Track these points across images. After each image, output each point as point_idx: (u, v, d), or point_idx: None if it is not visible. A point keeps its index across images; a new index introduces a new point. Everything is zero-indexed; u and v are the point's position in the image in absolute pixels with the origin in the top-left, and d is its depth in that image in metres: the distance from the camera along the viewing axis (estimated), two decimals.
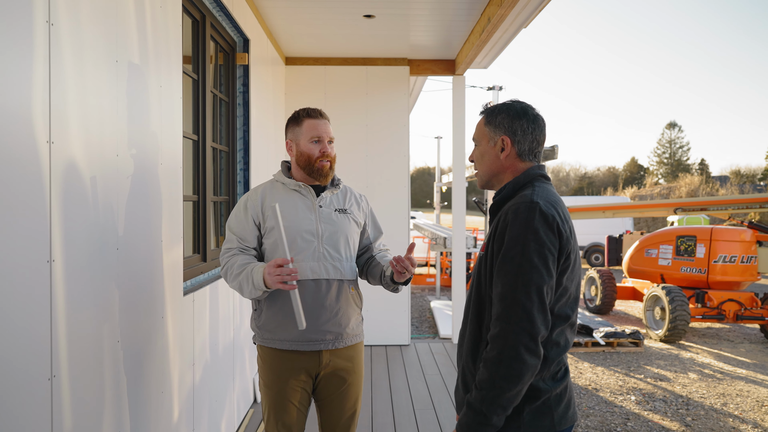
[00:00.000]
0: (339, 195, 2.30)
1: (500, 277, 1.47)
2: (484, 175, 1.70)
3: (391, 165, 5.90)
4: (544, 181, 1.63)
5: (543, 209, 1.47)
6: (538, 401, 1.51)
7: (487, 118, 1.68)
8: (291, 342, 2.15)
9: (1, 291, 1.32)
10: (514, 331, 1.41)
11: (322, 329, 2.14)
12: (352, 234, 2.26)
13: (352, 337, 2.23)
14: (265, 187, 2.26)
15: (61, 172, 1.57)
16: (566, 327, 1.55)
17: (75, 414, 1.64)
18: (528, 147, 1.64)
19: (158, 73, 2.30)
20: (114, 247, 1.90)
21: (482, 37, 4.54)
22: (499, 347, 1.42)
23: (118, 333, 1.92)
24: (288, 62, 5.81)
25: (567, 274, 1.51)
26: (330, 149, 2.24)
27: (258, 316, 2.21)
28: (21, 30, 1.40)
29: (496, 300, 1.47)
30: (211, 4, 3.33)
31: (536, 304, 1.42)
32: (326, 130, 2.26)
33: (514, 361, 1.41)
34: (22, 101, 1.40)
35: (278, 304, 2.15)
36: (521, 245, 1.44)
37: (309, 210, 2.19)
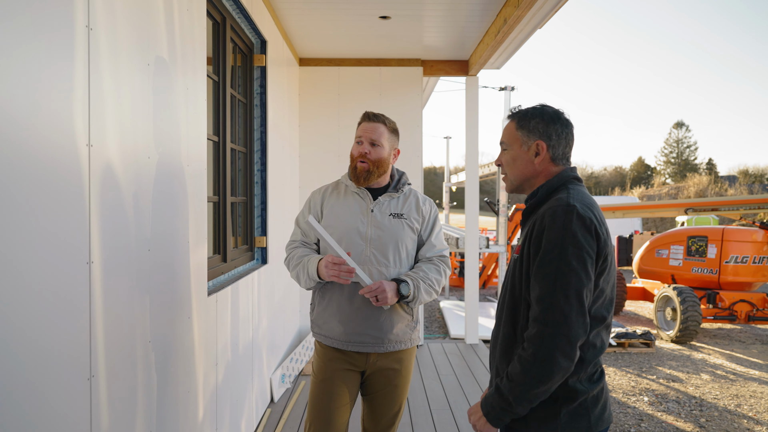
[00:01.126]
0: (399, 199, 2.29)
1: (538, 281, 1.47)
2: (516, 179, 1.69)
3: (404, 165, 5.91)
4: (578, 184, 1.63)
5: (580, 212, 1.48)
6: (575, 403, 1.52)
7: (519, 122, 1.66)
8: (333, 340, 2.22)
9: (45, 292, 1.34)
10: (551, 335, 1.42)
11: (363, 332, 2.18)
12: (404, 239, 2.23)
13: (395, 343, 2.22)
14: (330, 186, 2.35)
15: (99, 174, 1.59)
16: (602, 328, 1.56)
17: (111, 414, 1.66)
18: (561, 151, 1.65)
19: (185, 75, 2.32)
20: (146, 249, 1.92)
21: (497, 38, 4.54)
22: (535, 348, 1.44)
23: (149, 333, 1.94)
24: (302, 63, 5.83)
25: (603, 276, 1.52)
26: (370, 150, 2.21)
27: (312, 310, 2.32)
28: (63, 34, 1.42)
29: (534, 302, 1.48)
30: (231, 6, 3.35)
31: (575, 307, 1.42)
32: (369, 130, 2.23)
33: (548, 363, 1.42)
34: (64, 104, 1.42)
35: (325, 301, 2.24)
36: (560, 248, 1.45)
37: (362, 213, 2.23)
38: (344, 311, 2.19)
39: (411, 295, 2.15)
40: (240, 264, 3.59)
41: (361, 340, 2.18)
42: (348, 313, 2.19)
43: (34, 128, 1.30)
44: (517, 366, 1.48)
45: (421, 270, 2.23)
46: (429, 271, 2.23)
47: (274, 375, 4.25)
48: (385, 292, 2.08)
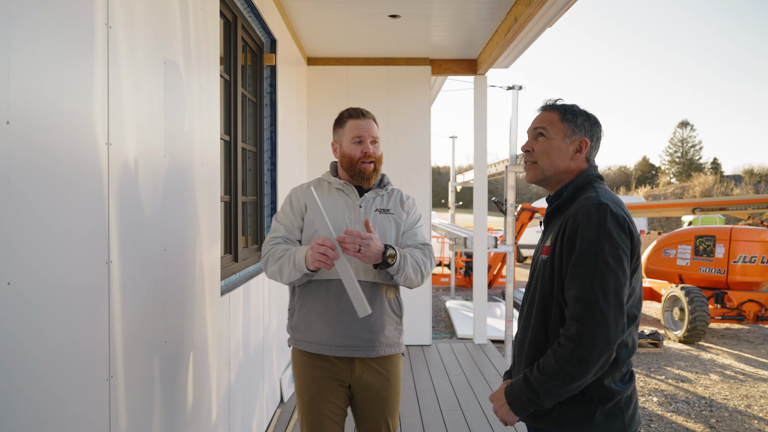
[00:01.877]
0: (384, 196, 2.22)
1: (574, 280, 1.45)
2: (549, 170, 1.64)
3: (412, 164, 5.90)
4: (602, 183, 1.63)
5: (614, 210, 1.47)
6: (610, 403, 1.50)
7: (564, 115, 1.64)
8: (320, 345, 2.07)
9: (65, 292, 1.33)
10: (590, 334, 1.40)
11: (354, 334, 2.05)
12: (392, 235, 2.15)
13: (386, 347, 2.11)
14: (311, 184, 2.22)
15: (118, 174, 1.58)
16: (633, 327, 1.55)
17: (129, 414, 1.65)
18: (595, 155, 1.67)
19: (199, 74, 2.31)
20: (162, 248, 1.91)
21: (507, 37, 4.52)
22: (573, 346, 1.42)
23: (165, 333, 1.93)
24: (310, 62, 5.82)
25: (635, 274, 1.52)
26: (373, 149, 2.15)
27: (291, 317, 2.17)
28: (83, 32, 1.41)
29: (572, 302, 1.45)
30: (242, 5, 3.34)
31: (614, 306, 1.40)
32: (368, 128, 2.16)
33: (585, 363, 1.41)
34: (85, 103, 1.41)
35: (309, 303, 2.09)
36: (596, 247, 1.43)
37: (349, 209, 2.13)
38: (331, 312, 2.05)
39: (396, 262, 1.97)
40: (251, 264, 3.58)
41: (350, 343, 2.05)
42: (335, 314, 2.05)
43: (56, 127, 1.29)
44: (551, 361, 1.45)
45: (407, 250, 2.10)
46: (413, 252, 2.11)
47: (283, 375, 4.24)
48: (370, 246, 1.90)
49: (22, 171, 1.16)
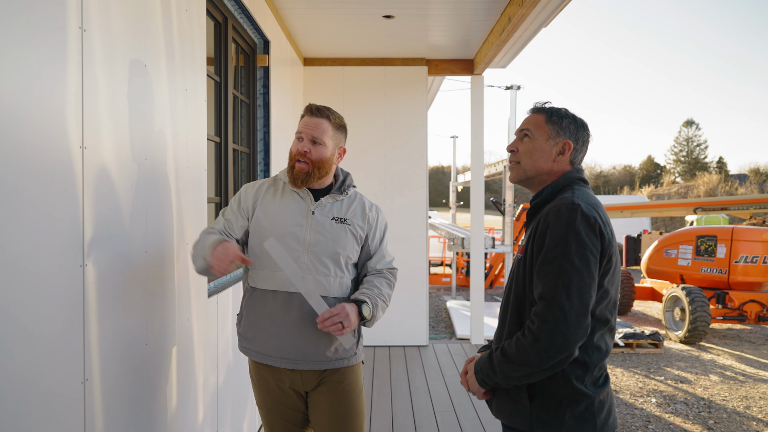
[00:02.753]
0: (344, 203, 2.06)
1: (540, 278, 1.47)
2: (531, 170, 1.66)
3: (409, 165, 5.89)
4: (583, 185, 1.63)
5: (585, 211, 1.47)
6: (580, 406, 1.50)
7: (550, 117, 1.65)
8: (267, 356, 1.98)
9: (38, 296, 1.33)
10: (550, 331, 1.41)
11: (300, 348, 1.94)
12: (346, 247, 2.00)
13: (335, 360, 1.99)
14: (266, 182, 2.09)
15: (93, 176, 1.58)
16: (606, 331, 1.55)
17: (106, 416, 1.66)
18: (580, 158, 1.67)
19: (184, 76, 2.31)
20: (143, 251, 1.91)
21: (502, 37, 4.51)
22: (532, 340, 1.45)
23: (146, 335, 1.93)
24: (306, 63, 5.82)
25: (608, 277, 1.51)
26: (310, 149, 1.96)
27: (239, 322, 2.07)
28: (56, 36, 1.41)
29: (537, 299, 1.47)
30: (233, 6, 3.34)
31: (576, 306, 1.41)
32: (310, 126, 1.98)
33: (540, 357, 1.43)
34: (57, 107, 1.41)
35: (256, 312, 1.99)
36: (563, 246, 1.44)
37: (302, 215, 1.98)
38: (277, 324, 1.94)
39: (370, 315, 1.93)
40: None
41: (297, 357, 1.94)
42: (281, 325, 1.94)
43: (27, 131, 1.29)
44: (513, 347, 1.50)
45: (374, 286, 2.00)
46: (382, 286, 2.02)
47: None
48: (349, 317, 1.84)
49: None
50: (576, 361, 1.50)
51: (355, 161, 5.86)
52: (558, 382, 1.51)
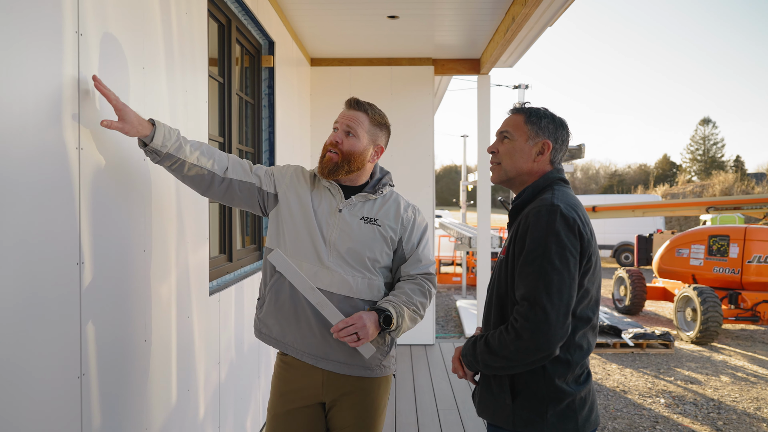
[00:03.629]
0: (376, 203, 1.96)
1: (522, 279, 1.49)
2: (511, 171, 1.68)
3: (416, 165, 5.91)
4: (563, 185, 1.64)
5: (564, 212, 1.49)
6: (562, 404, 1.52)
7: (529, 118, 1.67)
8: (286, 345, 1.90)
9: (35, 293, 1.37)
10: (532, 330, 1.43)
11: (322, 345, 1.86)
12: (374, 249, 1.89)
13: (361, 368, 1.88)
14: (308, 174, 2.03)
15: (89, 177, 1.62)
16: (588, 330, 1.56)
17: (103, 411, 1.70)
18: (560, 157, 1.69)
19: (183, 78, 2.35)
20: (141, 249, 1.95)
21: (507, 36, 4.51)
22: (514, 337, 1.47)
23: (145, 332, 1.97)
24: (313, 63, 5.86)
25: (588, 276, 1.53)
26: (342, 140, 1.89)
27: (260, 306, 1.97)
28: (52, 41, 1.45)
29: (519, 299, 1.49)
30: (236, 7, 3.38)
31: (557, 306, 1.43)
32: (346, 117, 1.92)
33: (521, 354, 1.46)
34: (54, 110, 1.45)
35: (280, 301, 1.89)
36: (543, 247, 1.46)
37: (330, 212, 1.91)
38: (302, 314, 1.86)
39: (395, 325, 1.81)
40: (247, 263, 3.63)
41: (317, 353, 1.87)
42: (302, 317, 1.86)
43: (24, 133, 1.33)
44: (496, 339, 1.52)
45: (404, 293, 1.88)
46: (413, 293, 1.89)
47: None
48: (365, 327, 1.74)
49: None
50: (558, 360, 1.52)
51: None
52: (540, 381, 1.53)
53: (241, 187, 1.90)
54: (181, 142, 1.77)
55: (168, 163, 1.76)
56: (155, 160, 1.75)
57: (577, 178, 50.02)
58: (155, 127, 1.69)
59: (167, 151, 1.72)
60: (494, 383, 1.60)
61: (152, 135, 1.68)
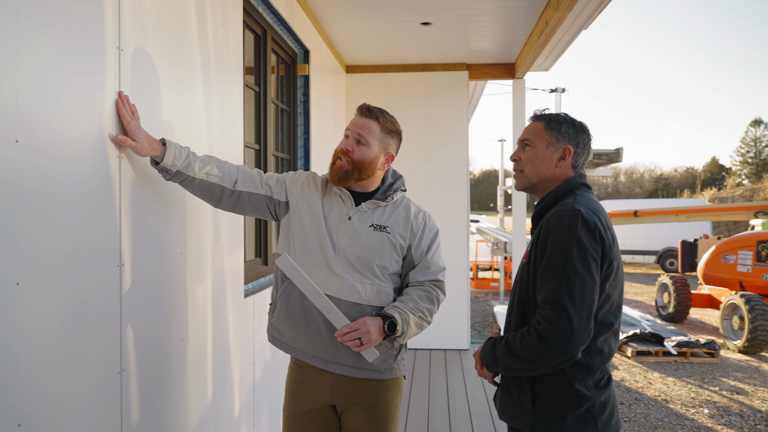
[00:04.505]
0: (386, 210, 1.95)
1: (544, 283, 1.50)
2: (533, 177, 1.70)
3: (450, 170, 5.93)
4: (586, 190, 1.65)
5: (585, 216, 1.50)
6: (581, 408, 1.53)
7: (549, 124, 1.69)
8: (297, 351, 1.93)
9: (79, 292, 1.47)
10: (554, 334, 1.44)
11: (332, 349, 1.88)
12: (383, 257, 1.90)
13: (370, 371, 1.90)
14: (320, 179, 2.03)
15: (129, 185, 1.72)
16: (610, 335, 1.57)
17: (142, 405, 1.79)
18: (582, 161, 1.70)
19: (219, 88, 2.45)
20: (178, 253, 2.04)
21: (541, 41, 4.50)
22: (536, 340, 1.48)
23: (181, 332, 2.07)
24: (348, 70, 5.96)
25: (610, 281, 1.53)
26: (353, 148, 1.89)
27: (272, 312, 2.00)
28: (94, 55, 1.55)
29: (541, 303, 1.50)
30: (271, 18, 3.49)
31: (579, 310, 1.44)
32: (358, 124, 1.92)
33: (543, 357, 1.47)
34: (95, 121, 1.56)
35: (290, 307, 1.91)
36: (564, 251, 1.47)
37: (340, 219, 1.91)
38: (312, 319, 1.87)
39: (400, 331, 1.82)
40: None
41: (327, 357, 1.89)
42: (312, 322, 1.88)
43: (65, 142, 1.43)
44: (518, 341, 1.53)
45: (411, 299, 1.89)
46: (420, 299, 1.89)
47: None
48: (369, 333, 1.76)
49: (31, 181, 1.30)
50: (578, 364, 1.53)
51: (395, 165, 5.94)
52: (559, 385, 1.54)
53: (250, 198, 1.93)
54: (191, 159, 1.81)
55: (178, 179, 1.81)
56: (166, 178, 1.81)
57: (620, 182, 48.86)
58: (165, 147, 1.75)
59: (177, 170, 1.78)
60: (514, 386, 1.62)
61: (162, 155, 1.74)
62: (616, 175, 48.53)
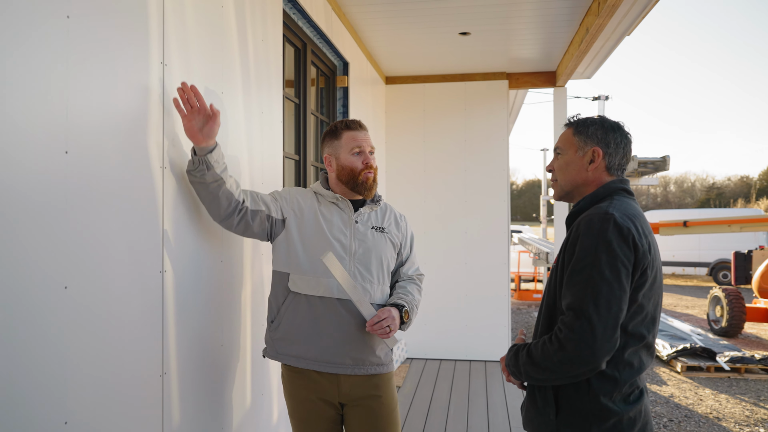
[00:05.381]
0: (378, 212, 2.15)
1: (569, 288, 1.46)
2: (566, 185, 1.67)
3: (489, 179, 5.89)
4: (625, 195, 1.60)
5: (618, 221, 1.44)
6: (607, 423, 1.47)
7: (576, 129, 1.67)
8: (307, 360, 2.00)
9: (124, 297, 1.54)
10: (576, 341, 1.39)
11: (342, 352, 1.99)
12: (386, 255, 2.10)
13: (376, 365, 2.04)
14: (305, 193, 2.14)
15: (172, 193, 1.79)
16: (641, 347, 1.50)
17: (182, 407, 1.85)
18: (618, 162, 1.63)
19: (259, 101, 2.52)
20: (218, 260, 2.10)
21: (581, 48, 4.44)
22: (557, 348, 1.44)
23: (221, 337, 2.12)
24: (388, 81, 6.01)
25: (643, 290, 1.46)
26: (372, 160, 2.10)
27: (275, 329, 2.06)
28: (139, 71, 1.63)
29: (565, 309, 1.46)
30: (311, 32, 3.56)
31: (603, 318, 1.39)
32: (366, 140, 2.11)
33: (565, 366, 1.43)
34: (141, 132, 1.63)
35: (299, 319, 2.00)
36: (593, 256, 1.42)
37: (344, 225, 2.06)
38: (322, 328, 1.98)
39: (408, 319, 2.03)
40: None
41: (337, 360, 1.99)
42: (327, 330, 1.98)
43: (113, 153, 1.50)
44: (539, 350, 1.50)
45: (408, 293, 2.11)
46: (413, 292, 2.13)
47: None
48: (395, 320, 1.94)
49: (79, 191, 1.38)
50: (604, 376, 1.47)
51: (434, 175, 5.95)
52: (584, 397, 1.48)
53: (253, 216, 1.98)
54: (226, 165, 1.88)
55: (211, 179, 1.81)
56: (199, 172, 1.79)
57: (670, 191, 47.35)
58: (217, 144, 1.84)
59: (215, 169, 1.81)
60: (539, 396, 1.58)
61: (212, 148, 1.81)
62: (666, 185, 47.04)
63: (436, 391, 4.95)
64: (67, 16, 1.34)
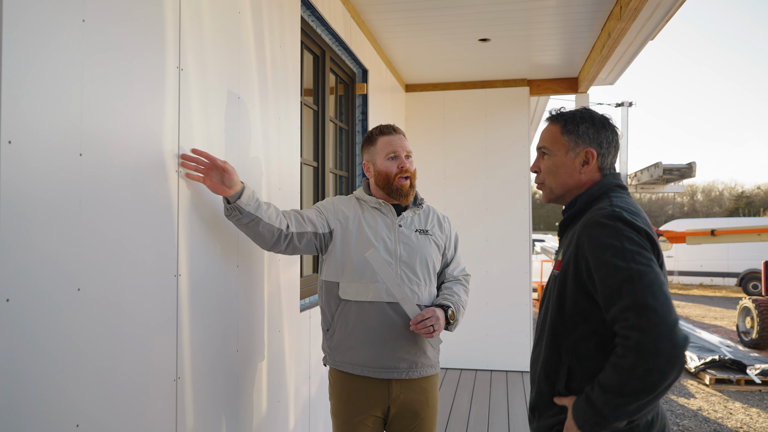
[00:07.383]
0: (421, 215, 2.19)
1: (612, 297, 1.32)
2: (558, 188, 1.57)
3: (510, 186, 5.82)
4: (621, 191, 1.52)
5: (627, 218, 1.36)
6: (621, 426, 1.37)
7: (565, 127, 1.55)
8: (362, 367, 2.05)
9: (138, 301, 1.54)
10: (652, 339, 1.23)
11: (395, 356, 2.03)
12: (432, 257, 2.13)
13: (427, 367, 2.10)
14: (351, 199, 2.20)
15: (187, 198, 1.79)
16: None
17: (196, 413, 1.83)
18: (610, 161, 1.55)
19: (277, 107, 2.53)
20: (234, 265, 2.10)
21: (603, 53, 4.37)
22: (635, 357, 1.24)
23: (236, 343, 2.11)
24: (408, 89, 6.00)
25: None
26: (408, 164, 2.12)
27: (330, 337, 2.13)
28: (155, 75, 1.64)
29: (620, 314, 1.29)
30: (330, 39, 3.57)
31: (663, 302, 1.25)
32: (402, 144, 2.13)
33: (653, 373, 1.23)
34: (156, 136, 1.63)
35: (351, 324, 2.05)
36: (622, 254, 1.31)
37: (388, 229, 2.09)
38: (373, 335, 2.02)
39: (455, 319, 2.06)
40: None
41: (390, 365, 2.03)
42: (377, 336, 2.02)
43: (127, 157, 1.51)
44: (613, 376, 1.27)
45: (454, 293, 2.13)
46: (460, 293, 2.15)
47: None
48: (439, 320, 1.97)
49: (93, 193, 1.38)
50: None
51: (455, 182, 5.91)
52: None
53: (300, 238, 2.03)
54: (259, 201, 1.91)
55: (246, 219, 1.87)
56: (233, 217, 1.86)
57: (697, 200, 46.44)
58: (244, 186, 1.85)
59: (249, 210, 1.85)
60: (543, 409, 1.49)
61: (240, 193, 1.83)
62: (693, 193, 46.14)
63: (456, 401, 4.88)
64: (82, 20, 1.35)
